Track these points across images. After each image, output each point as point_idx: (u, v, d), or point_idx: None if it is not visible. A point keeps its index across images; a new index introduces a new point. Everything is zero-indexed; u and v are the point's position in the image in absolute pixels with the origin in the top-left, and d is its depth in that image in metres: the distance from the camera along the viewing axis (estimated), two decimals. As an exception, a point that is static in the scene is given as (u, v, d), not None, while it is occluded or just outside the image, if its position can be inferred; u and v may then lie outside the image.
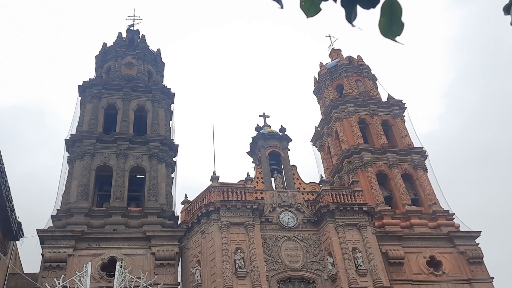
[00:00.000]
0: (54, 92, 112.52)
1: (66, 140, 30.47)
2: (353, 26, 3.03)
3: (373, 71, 42.53)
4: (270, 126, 33.56)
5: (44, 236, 25.03)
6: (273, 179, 30.00)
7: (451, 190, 50.31)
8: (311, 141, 42.60)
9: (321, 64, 43.94)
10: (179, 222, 28.33)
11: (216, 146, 30.93)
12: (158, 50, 40.31)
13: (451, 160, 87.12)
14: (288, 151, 32.21)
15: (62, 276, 20.46)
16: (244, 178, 28.30)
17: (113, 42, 39.11)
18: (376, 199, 31.37)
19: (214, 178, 27.74)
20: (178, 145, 32.73)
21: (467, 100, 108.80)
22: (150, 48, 39.68)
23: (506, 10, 3.17)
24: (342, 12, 3.04)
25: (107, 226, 26.74)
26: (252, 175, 29.43)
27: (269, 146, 31.79)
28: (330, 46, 46.85)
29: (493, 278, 29.06)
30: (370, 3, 2.95)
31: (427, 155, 35.11)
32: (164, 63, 40.49)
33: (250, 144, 32.76)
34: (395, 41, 2.99)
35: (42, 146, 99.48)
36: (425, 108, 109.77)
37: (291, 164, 31.42)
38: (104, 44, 38.97)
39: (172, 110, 35.85)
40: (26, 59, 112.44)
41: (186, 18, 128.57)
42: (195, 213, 27.05)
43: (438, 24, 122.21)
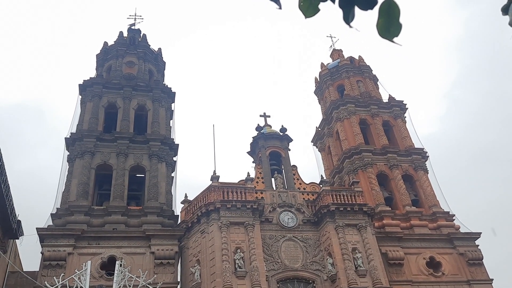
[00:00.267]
0: (54, 90, 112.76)
1: (66, 138, 30.49)
2: (350, 27, 3.02)
3: (374, 72, 42.53)
4: (271, 126, 33.56)
5: (43, 234, 25.04)
6: (273, 179, 30.00)
7: (452, 191, 50.30)
8: (312, 141, 42.60)
9: (322, 64, 43.93)
10: (179, 221, 28.33)
11: (216, 146, 30.94)
12: (159, 49, 40.32)
13: (452, 161, 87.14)
14: (288, 151, 32.21)
15: (62, 274, 20.43)
16: (244, 178, 28.30)
17: (114, 41, 39.13)
18: (376, 200, 31.37)
19: (214, 177, 27.75)
20: (178, 144, 32.75)
21: (468, 101, 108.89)
22: (151, 47, 39.68)
23: (505, 10, 3.16)
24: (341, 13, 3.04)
25: (107, 225, 26.76)
26: (252, 175, 29.44)
27: (269, 146, 31.79)
28: (331, 46, 46.86)
29: (492, 279, 29.07)
30: (368, 5, 2.94)
31: (428, 156, 35.10)
32: (165, 63, 40.50)
33: (251, 144, 32.76)
34: (393, 42, 2.98)
35: (42, 145, 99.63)
36: (426, 109, 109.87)
37: (292, 164, 31.42)
38: (105, 43, 38.98)
39: (172, 109, 35.87)
40: (26, 57, 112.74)
41: (187, 18, 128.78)
42: (195, 212, 27.06)
43: (439, 25, 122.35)
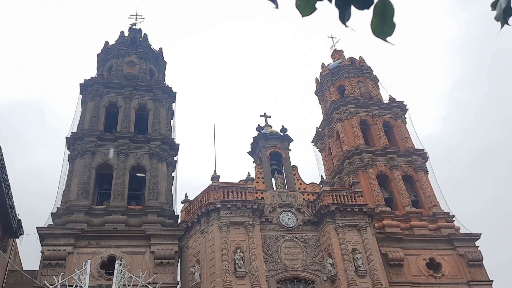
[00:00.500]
0: (54, 89, 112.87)
1: (67, 138, 30.50)
2: (346, 26, 3.02)
3: (375, 73, 42.48)
4: (271, 126, 33.56)
5: (43, 233, 25.05)
6: (273, 179, 29.98)
7: (452, 192, 50.30)
8: (312, 141, 42.58)
9: (323, 65, 43.93)
10: (179, 221, 28.33)
11: (217, 146, 30.92)
12: (160, 49, 40.32)
13: (452, 162, 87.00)
14: (289, 152, 32.20)
15: (62, 273, 20.49)
16: (244, 178, 28.30)
17: (115, 41, 39.12)
18: (376, 201, 31.36)
19: (215, 177, 27.76)
20: (179, 144, 32.76)
21: (469, 102, 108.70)
22: (152, 47, 39.67)
23: (493, 5, 3.17)
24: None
25: (107, 224, 26.77)
26: (252, 175, 29.43)
27: (270, 146, 31.79)
28: (332, 47, 46.84)
29: (492, 280, 29.04)
30: (364, 4, 2.94)
31: (428, 157, 35.07)
32: (166, 62, 40.50)
33: (251, 144, 32.75)
34: (386, 41, 2.98)
35: (42, 143, 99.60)
36: (426, 110, 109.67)
37: (292, 164, 31.40)
38: (106, 42, 38.99)
39: (173, 109, 35.89)
40: (27, 56, 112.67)
41: (188, 18, 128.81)
42: (195, 212, 27.07)
43: (440, 26, 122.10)
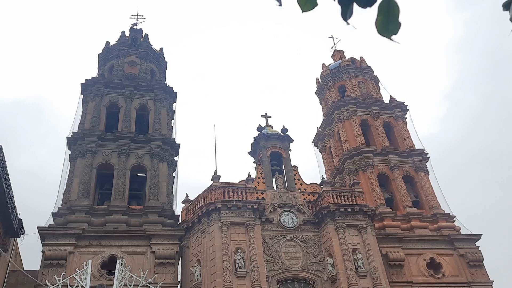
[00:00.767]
0: (55, 89, 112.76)
1: (68, 138, 30.54)
2: (347, 24, 3.03)
3: (375, 73, 42.50)
4: (272, 127, 33.57)
5: (44, 233, 25.08)
6: (274, 180, 29.98)
7: (452, 192, 50.21)
8: (313, 142, 42.59)
9: (323, 65, 43.94)
10: (180, 221, 28.36)
11: (217, 146, 30.90)
12: (161, 49, 40.36)
13: (453, 163, 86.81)
14: (289, 152, 32.21)
15: (62, 273, 20.46)
16: (245, 178, 28.32)
17: (116, 41, 39.17)
18: (377, 201, 31.36)
19: (215, 177, 27.78)
20: (179, 144, 32.78)
21: (469, 103, 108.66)
22: (153, 47, 39.71)
23: (506, 6, 3.17)
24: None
25: (108, 224, 26.79)
26: (253, 175, 29.44)
27: (270, 147, 31.80)
28: (333, 47, 46.85)
29: (493, 281, 29.03)
30: (367, 2, 2.95)
31: (429, 158, 35.08)
32: (166, 62, 40.53)
33: (252, 144, 32.76)
34: (391, 40, 3.00)
35: (42, 143, 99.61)
36: (426, 110, 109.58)
37: (292, 164, 31.41)
38: (107, 42, 39.03)
39: (174, 109, 35.93)
40: (27, 55, 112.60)
41: (189, 18, 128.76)
42: (196, 212, 27.08)
43: (440, 26, 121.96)
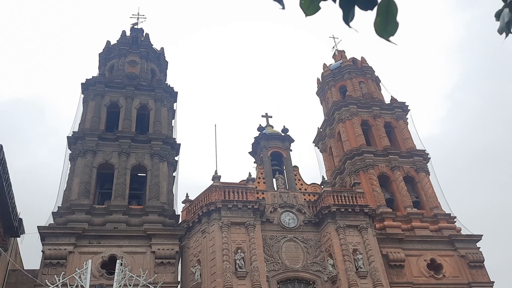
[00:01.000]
0: (55, 88, 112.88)
1: (68, 137, 30.53)
2: (349, 27, 3.00)
3: (376, 73, 42.42)
4: (273, 127, 33.55)
5: (44, 233, 25.08)
6: (274, 180, 29.96)
7: (453, 193, 50.20)
8: (313, 142, 42.55)
9: (324, 65, 43.90)
10: (180, 221, 28.34)
11: (218, 146, 30.92)
12: (162, 49, 40.34)
13: (453, 163, 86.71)
14: (290, 152, 32.18)
15: (62, 273, 20.49)
16: (245, 178, 28.30)
17: (116, 40, 39.13)
18: (377, 201, 31.32)
19: (216, 177, 27.76)
20: (180, 144, 32.77)
21: (470, 103, 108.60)
22: (153, 46, 39.70)
23: (498, 16, 3.16)
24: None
25: (108, 224, 26.79)
26: (253, 175, 29.39)
27: (271, 147, 31.77)
28: (334, 47, 46.79)
29: (493, 282, 28.99)
30: (368, 5, 2.92)
31: (430, 158, 35.03)
32: (167, 62, 40.50)
33: (252, 144, 32.74)
34: (389, 41, 2.97)
35: (42, 142, 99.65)
36: (427, 110, 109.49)
37: (293, 165, 31.38)
38: (107, 42, 39.00)
39: (174, 109, 35.91)
40: (27, 54, 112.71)
41: (190, 18, 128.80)
42: (196, 212, 27.06)
43: (441, 27, 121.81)
